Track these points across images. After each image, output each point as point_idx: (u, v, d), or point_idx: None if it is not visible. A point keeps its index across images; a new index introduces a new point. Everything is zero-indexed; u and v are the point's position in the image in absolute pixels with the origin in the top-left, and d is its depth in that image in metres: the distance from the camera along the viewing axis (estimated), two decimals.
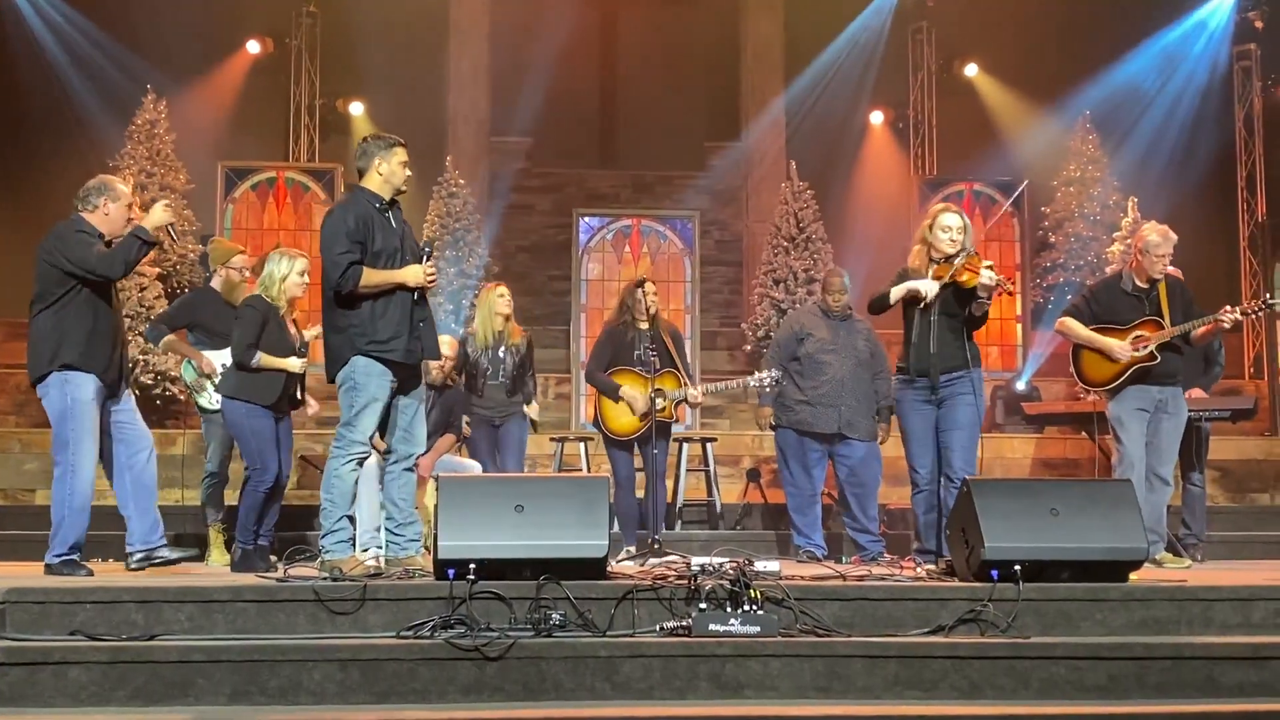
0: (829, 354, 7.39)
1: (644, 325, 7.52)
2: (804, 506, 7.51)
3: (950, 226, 6.21)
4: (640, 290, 7.53)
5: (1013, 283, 6.43)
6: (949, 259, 6.18)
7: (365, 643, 4.39)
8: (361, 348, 5.29)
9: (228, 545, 7.32)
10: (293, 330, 6.71)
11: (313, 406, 7.13)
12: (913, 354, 6.21)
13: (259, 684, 4.22)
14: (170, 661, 4.23)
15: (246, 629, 4.55)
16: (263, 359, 6.46)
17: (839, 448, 7.41)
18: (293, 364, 6.55)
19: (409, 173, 5.54)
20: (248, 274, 7.28)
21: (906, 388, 6.32)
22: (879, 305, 6.39)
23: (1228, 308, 6.66)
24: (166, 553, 5.94)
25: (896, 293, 6.27)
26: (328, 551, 5.30)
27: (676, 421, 7.70)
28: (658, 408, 7.23)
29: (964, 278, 6.12)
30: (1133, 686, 4.40)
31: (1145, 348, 6.61)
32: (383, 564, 5.54)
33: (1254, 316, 12.23)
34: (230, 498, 7.17)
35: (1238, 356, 12.87)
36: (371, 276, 5.30)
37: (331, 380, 5.48)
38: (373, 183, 5.48)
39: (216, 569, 6.83)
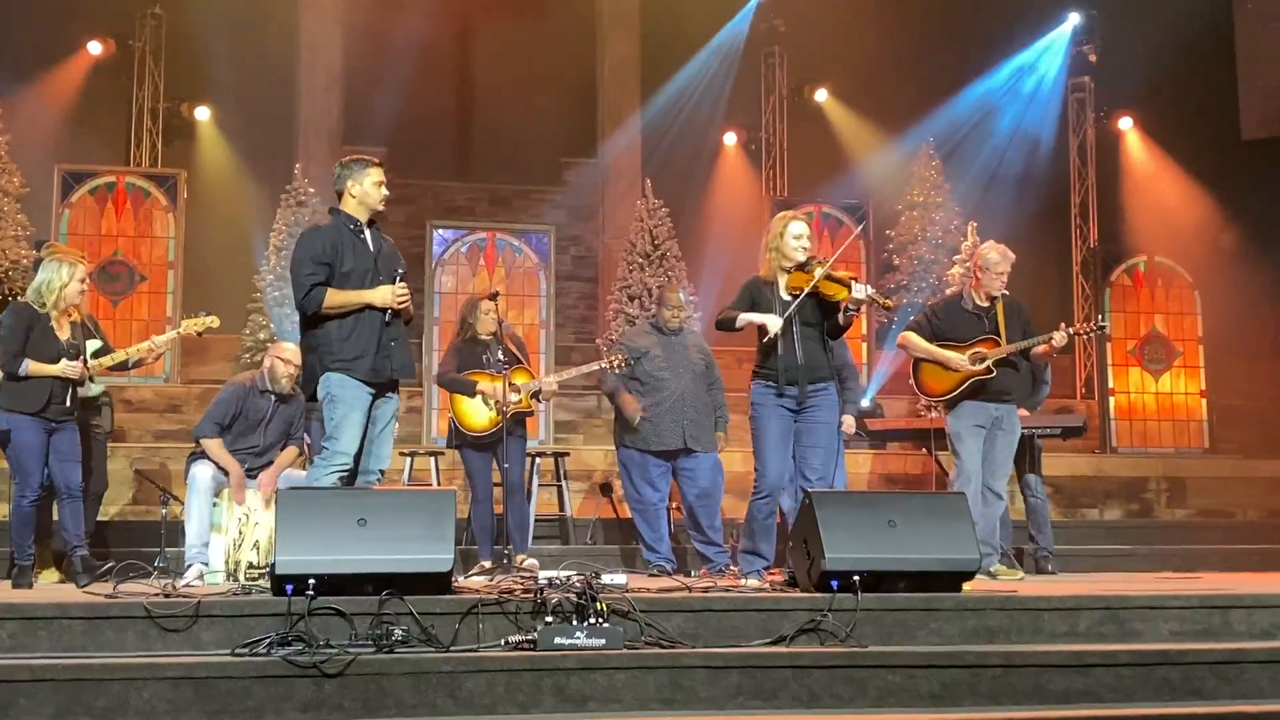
0: (665, 371, 7.53)
1: (486, 338, 7.49)
2: (651, 520, 7.59)
3: (801, 234, 6.13)
4: (481, 305, 7.52)
5: (886, 297, 6.37)
6: (801, 266, 6.09)
7: (198, 660, 4.28)
8: (329, 365, 5.41)
9: (57, 562, 7.08)
10: (68, 335, 6.46)
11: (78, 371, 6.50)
12: (781, 365, 6.01)
13: (84, 703, 4.09)
14: None
15: (72, 647, 4.41)
16: (31, 366, 6.30)
17: (683, 461, 7.50)
18: (61, 369, 6.34)
19: (385, 192, 5.72)
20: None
21: (770, 395, 6.08)
22: (725, 327, 6.29)
23: (1062, 324, 6.97)
24: None
25: (743, 320, 6.15)
26: None
27: (531, 415, 7.70)
28: (514, 400, 7.21)
29: (830, 290, 6.01)
30: (965, 694, 4.54)
31: (982, 362, 6.87)
32: (205, 581, 5.39)
33: (1086, 338, 12.78)
34: (56, 512, 6.88)
35: (1069, 377, 13.40)
36: (335, 297, 5.43)
37: (310, 398, 5.62)
38: (348, 205, 5.68)
39: (46, 586, 6.57)
